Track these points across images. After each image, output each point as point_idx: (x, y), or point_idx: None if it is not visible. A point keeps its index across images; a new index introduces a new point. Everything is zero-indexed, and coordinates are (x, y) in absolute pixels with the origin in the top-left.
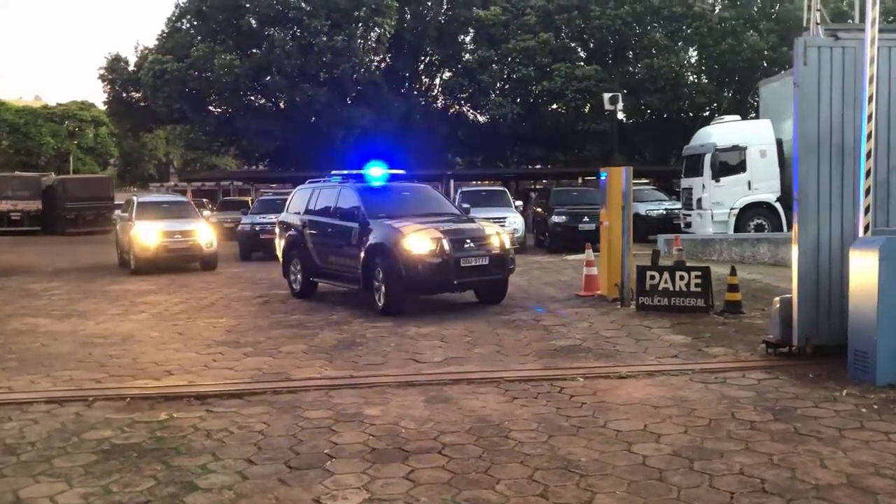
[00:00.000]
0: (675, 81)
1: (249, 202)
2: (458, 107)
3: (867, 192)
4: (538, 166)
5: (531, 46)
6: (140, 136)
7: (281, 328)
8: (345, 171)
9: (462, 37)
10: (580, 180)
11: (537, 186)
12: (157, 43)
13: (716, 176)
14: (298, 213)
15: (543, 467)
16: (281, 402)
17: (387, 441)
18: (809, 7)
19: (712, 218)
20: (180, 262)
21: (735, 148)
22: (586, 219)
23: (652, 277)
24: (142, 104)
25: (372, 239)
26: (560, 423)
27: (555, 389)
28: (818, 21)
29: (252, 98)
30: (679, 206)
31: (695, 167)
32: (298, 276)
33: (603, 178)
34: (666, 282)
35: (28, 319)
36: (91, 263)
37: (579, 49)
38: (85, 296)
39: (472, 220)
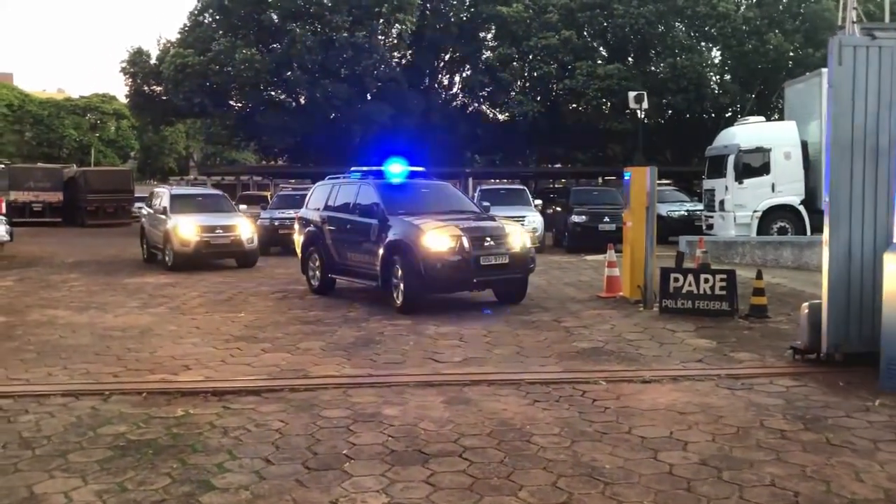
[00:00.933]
0: (698, 81)
1: (268, 197)
2: (476, 105)
3: None
4: (558, 165)
5: (553, 44)
6: (160, 129)
7: (299, 324)
8: (364, 168)
9: (483, 34)
10: (600, 180)
11: (556, 186)
12: (178, 37)
13: (739, 177)
14: (318, 210)
15: (567, 474)
16: (298, 399)
17: (406, 443)
18: (845, 5)
19: (735, 220)
20: (220, 259)
21: (759, 150)
22: (607, 219)
23: (676, 280)
24: (163, 98)
25: (391, 236)
26: (583, 429)
27: (577, 393)
28: (854, 19)
29: (272, 93)
30: (700, 207)
31: (718, 168)
32: (317, 272)
33: (627, 177)
34: (690, 284)
35: (47, 311)
36: (111, 255)
37: (601, 47)
38: (104, 288)
39: (492, 218)
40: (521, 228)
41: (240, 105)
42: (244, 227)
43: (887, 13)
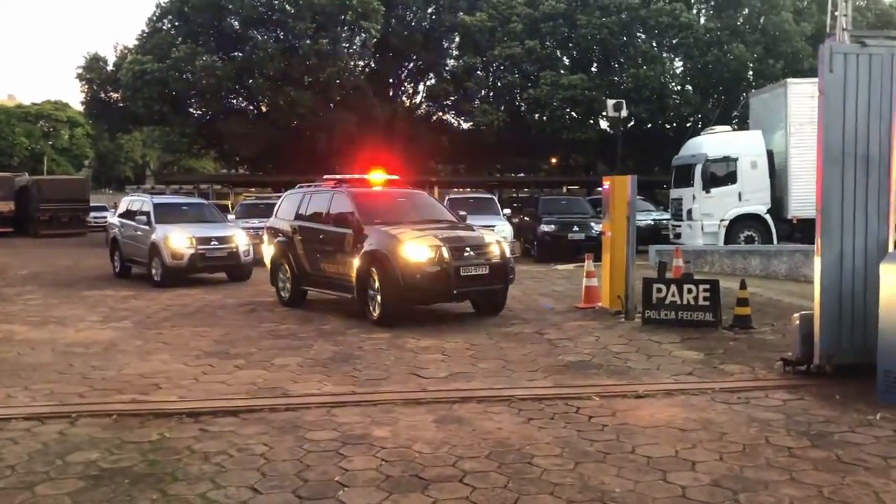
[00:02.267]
0: (660, 91)
1: (229, 206)
2: (441, 113)
3: None
4: (521, 175)
5: (517, 54)
6: (117, 137)
7: (272, 338)
8: (338, 176)
9: (447, 43)
10: (565, 189)
11: (520, 195)
12: (136, 43)
13: (706, 187)
14: (288, 219)
15: (577, 499)
16: (280, 420)
17: (401, 467)
18: (834, 14)
19: (702, 229)
20: (215, 272)
21: (726, 159)
22: (576, 228)
23: (659, 290)
24: (121, 105)
25: (367, 246)
26: (585, 448)
27: (571, 409)
28: (844, 27)
29: (234, 101)
30: (667, 216)
31: (685, 177)
32: (287, 283)
33: (605, 187)
34: (673, 295)
35: (3, 326)
36: (67, 267)
37: (565, 57)
38: (62, 301)
39: (470, 228)
40: (500, 238)
41: (200, 112)
42: (241, 239)
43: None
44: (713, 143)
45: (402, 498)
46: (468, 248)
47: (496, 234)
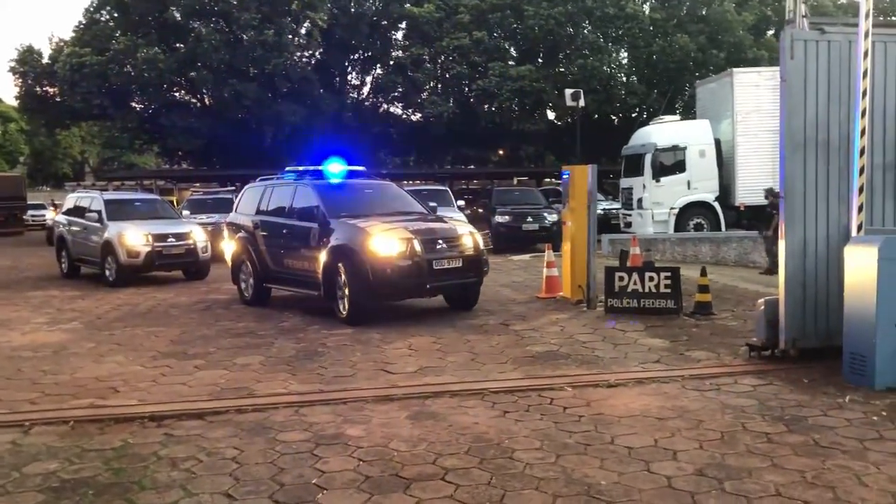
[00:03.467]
0: (607, 82)
1: (174, 202)
2: (389, 105)
3: (860, 189)
4: (471, 166)
5: (465, 45)
6: (55, 133)
7: (230, 337)
8: (300, 168)
9: (394, 33)
10: (515, 181)
11: (470, 186)
12: (73, 35)
13: (656, 176)
14: (249, 214)
15: (563, 494)
16: (248, 422)
17: (380, 467)
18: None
19: (653, 217)
20: (172, 270)
21: (674, 148)
22: (530, 219)
23: (621, 279)
24: (57, 99)
25: (334, 240)
26: (564, 441)
27: (545, 401)
28: (804, 13)
29: (177, 94)
30: (617, 205)
31: (635, 167)
32: (250, 281)
33: (565, 176)
34: (635, 283)
35: None
36: (6, 267)
37: (512, 49)
38: (4, 303)
39: (441, 220)
40: (473, 230)
41: (142, 106)
42: (198, 235)
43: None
44: (662, 132)
45: (384, 499)
46: (441, 241)
47: (468, 226)
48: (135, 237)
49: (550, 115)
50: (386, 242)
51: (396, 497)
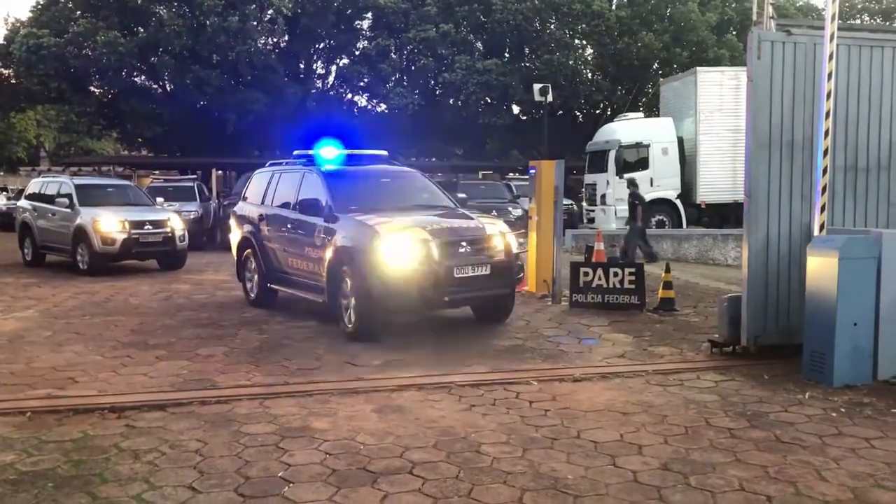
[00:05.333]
0: (573, 78)
1: None
2: (353, 95)
3: (823, 189)
4: (434, 159)
5: (431, 37)
6: (9, 116)
7: (193, 327)
8: (310, 152)
9: (360, 23)
10: (479, 174)
11: (435, 179)
12: (31, 15)
13: (620, 172)
14: (255, 204)
15: (530, 488)
16: (212, 414)
17: (347, 460)
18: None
19: (616, 214)
20: (148, 259)
21: (638, 145)
22: (494, 213)
23: (586, 274)
24: (13, 81)
25: (340, 240)
26: (531, 435)
27: (511, 395)
28: (771, 14)
29: (137, 79)
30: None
31: (599, 163)
32: (255, 281)
33: (532, 171)
34: (600, 279)
35: None
36: None
37: (479, 42)
38: None
39: (467, 216)
40: (504, 229)
41: (101, 91)
42: (176, 223)
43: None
44: (626, 129)
45: (351, 492)
46: (464, 243)
47: (499, 224)
48: (110, 224)
49: (516, 109)
50: (397, 244)
51: (364, 491)
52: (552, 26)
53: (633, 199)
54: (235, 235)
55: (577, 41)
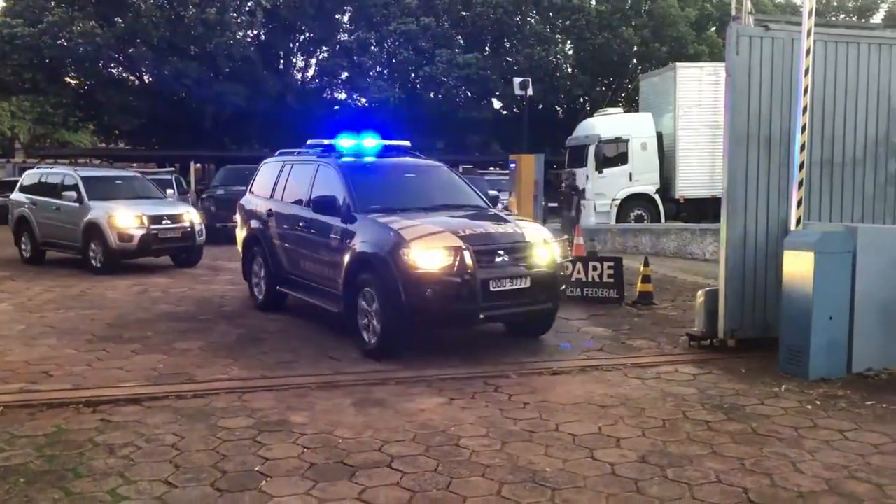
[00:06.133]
0: (553, 73)
1: None
2: (333, 89)
3: (800, 184)
4: (414, 153)
5: (412, 30)
6: None
7: (169, 321)
8: (325, 141)
9: (340, 16)
10: (460, 168)
11: None
12: (5, 5)
13: (599, 167)
14: (263, 197)
15: (509, 481)
16: (189, 408)
17: (325, 454)
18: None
19: (595, 208)
20: (165, 255)
21: (617, 140)
22: None
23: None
24: None
25: (359, 244)
26: (510, 428)
27: (490, 388)
28: (750, 9)
29: (114, 70)
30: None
31: (578, 158)
32: (262, 282)
33: (512, 165)
34: (579, 272)
35: None
36: None
37: (459, 36)
38: None
39: (503, 219)
40: (549, 236)
41: (77, 82)
42: (194, 217)
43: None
44: (605, 124)
45: (329, 486)
46: (502, 251)
47: (542, 230)
48: (127, 218)
49: (497, 103)
50: (425, 253)
51: (342, 485)
52: (532, 20)
53: (571, 190)
54: (241, 231)
55: (557, 36)
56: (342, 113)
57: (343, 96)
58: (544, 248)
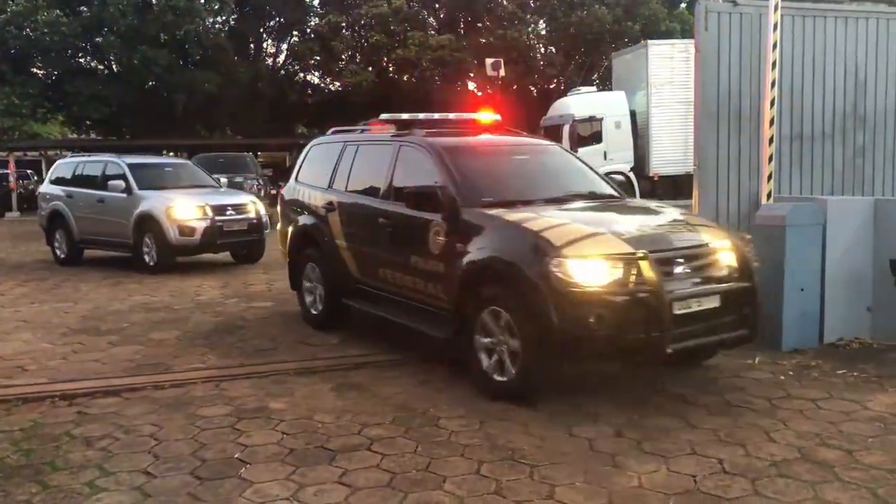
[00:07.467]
0: (526, 53)
1: None
2: (303, 74)
3: (770, 159)
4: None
5: (384, 13)
6: None
7: (144, 312)
8: (404, 116)
9: (310, 0)
10: None
11: None
12: None
13: (574, 146)
14: (320, 187)
15: (488, 459)
16: (167, 398)
17: (304, 439)
18: None
19: None
20: (228, 251)
21: (591, 119)
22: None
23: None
24: None
25: (475, 250)
26: (486, 407)
27: (466, 369)
28: None
29: (82, 59)
30: None
31: (553, 138)
32: (319, 293)
33: None
34: None
35: None
36: None
37: (431, 18)
38: None
39: (658, 211)
40: (726, 241)
41: (44, 72)
42: (259, 207)
43: None
44: (579, 103)
45: (309, 471)
46: (681, 259)
47: (716, 228)
48: (188, 209)
49: (471, 85)
50: (584, 263)
51: (322, 469)
52: (504, 1)
53: None
54: (287, 229)
55: (529, 16)
56: (315, 97)
57: (316, 80)
58: (731, 253)
